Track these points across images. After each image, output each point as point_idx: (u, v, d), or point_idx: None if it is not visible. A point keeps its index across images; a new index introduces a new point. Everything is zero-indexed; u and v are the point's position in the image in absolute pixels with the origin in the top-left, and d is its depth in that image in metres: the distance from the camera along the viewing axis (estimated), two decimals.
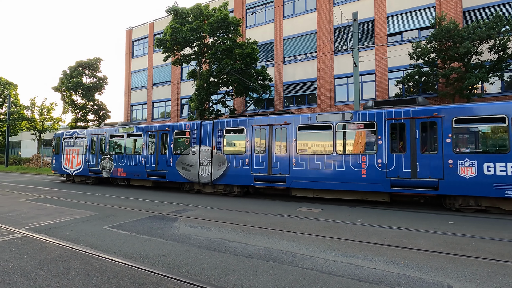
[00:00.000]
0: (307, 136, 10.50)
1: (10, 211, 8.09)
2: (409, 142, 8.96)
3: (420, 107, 9.13)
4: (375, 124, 9.44)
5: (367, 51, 17.58)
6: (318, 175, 10.02)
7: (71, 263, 4.22)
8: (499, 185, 7.83)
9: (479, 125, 8.44)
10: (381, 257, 4.56)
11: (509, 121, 7.93)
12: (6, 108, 36.10)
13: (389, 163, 9.13)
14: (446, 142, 8.51)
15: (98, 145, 15.83)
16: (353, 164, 9.59)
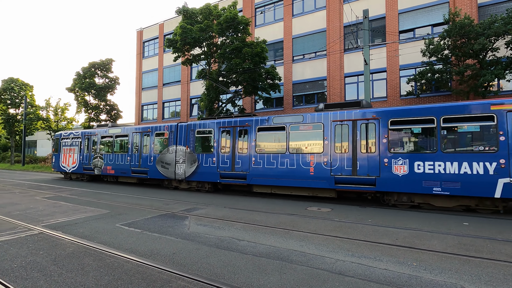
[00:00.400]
0: (265, 137, 11.35)
1: (27, 209, 8.35)
2: (351, 142, 9.62)
3: (361, 109, 9.79)
4: (322, 126, 10.17)
5: (378, 49, 17.31)
6: (274, 172, 10.79)
7: (85, 260, 4.33)
8: (428, 182, 8.40)
9: (411, 127, 9.00)
10: (392, 258, 4.50)
11: (437, 123, 8.48)
12: (22, 108, 37.20)
13: (333, 162, 9.84)
14: (382, 142, 9.15)
15: (91, 145, 17.08)
16: (303, 163, 10.32)
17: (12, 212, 7.85)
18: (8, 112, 40.05)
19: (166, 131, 13.93)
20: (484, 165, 7.84)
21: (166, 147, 13.77)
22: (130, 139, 15.22)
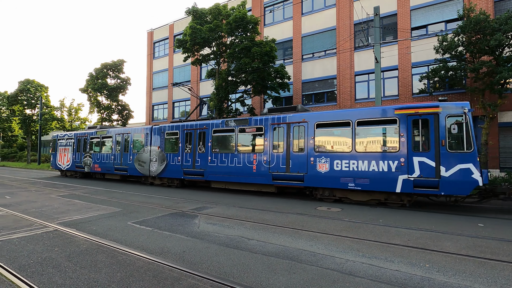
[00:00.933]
0: (219, 138, 12.66)
1: (42, 206, 8.60)
2: (285, 143, 10.68)
3: (295, 113, 10.84)
4: (263, 128, 11.30)
5: (389, 46, 17.02)
6: (226, 170, 12.07)
7: (98, 257, 4.43)
8: (344, 179, 9.40)
9: (332, 129, 10.04)
10: (404, 259, 4.42)
11: (353, 125, 9.49)
12: (38, 109, 38.28)
13: (271, 160, 10.94)
14: (309, 143, 10.19)
15: (82, 145, 18.78)
16: (248, 161, 11.51)
17: (28, 209, 8.10)
18: (25, 113, 41.25)
19: (142, 133, 15.45)
20: (388, 163, 8.80)
21: (143, 147, 15.25)
22: (114, 140, 16.80)
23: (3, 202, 9.33)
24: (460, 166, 7.98)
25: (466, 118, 8.07)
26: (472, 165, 7.89)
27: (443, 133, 8.24)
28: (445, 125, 8.25)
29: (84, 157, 18.39)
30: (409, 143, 8.61)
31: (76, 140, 19.20)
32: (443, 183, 8.09)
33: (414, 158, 8.51)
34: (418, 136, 8.64)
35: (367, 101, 17.76)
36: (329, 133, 10.12)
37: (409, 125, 8.68)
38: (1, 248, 4.79)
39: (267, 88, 17.28)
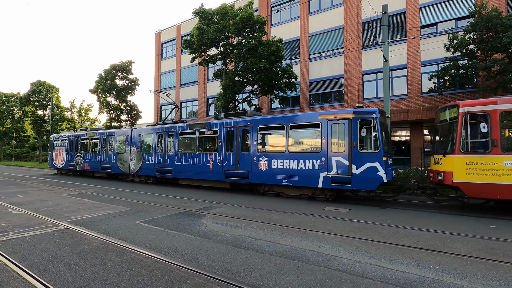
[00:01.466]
0: (184, 140, 14.24)
1: (53, 205, 8.77)
2: (235, 144, 12.00)
3: (243, 118, 12.20)
4: (218, 131, 12.69)
5: (398, 45, 16.80)
6: (190, 168, 13.49)
7: (107, 255, 4.49)
8: (279, 176, 10.67)
9: (270, 132, 11.43)
10: (413, 261, 4.36)
11: (286, 129, 10.75)
12: (49, 110, 39.03)
13: (224, 159, 12.28)
14: (253, 144, 11.51)
15: (74, 146, 20.48)
16: (206, 160, 12.90)
17: (40, 208, 8.27)
18: (36, 114, 42.10)
19: (124, 135, 17.11)
20: (313, 162, 10.03)
21: (124, 148, 16.91)
22: (100, 141, 18.48)
23: (16, 200, 9.55)
24: (368, 164, 9.08)
25: (374, 122, 9.12)
26: (378, 163, 8.94)
27: (355, 136, 9.35)
28: (357, 129, 9.34)
29: (75, 156, 20.16)
30: (329, 144, 9.81)
31: (69, 141, 20.98)
32: (355, 179, 9.21)
33: (333, 157, 9.69)
34: (336, 138, 9.75)
35: (375, 100, 17.57)
36: (268, 136, 11.58)
37: (329, 129, 9.88)
38: (14, 246, 4.91)
39: (274, 88, 17.26)
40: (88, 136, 19.48)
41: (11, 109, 45.69)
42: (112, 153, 17.57)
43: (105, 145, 18.14)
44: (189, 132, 13.95)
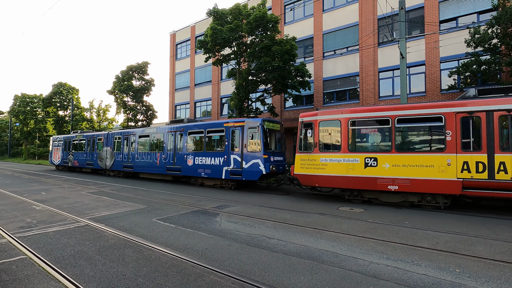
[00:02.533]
0: (141, 141, 17.74)
1: (74, 202, 9.11)
2: (173, 145, 15.43)
3: (180, 124, 15.48)
4: (163, 134, 16.13)
5: (415, 41, 16.32)
6: (145, 164, 16.93)
7: (125, 251, 4.63)
8: (200, 169, 13.85)
9: (195, 136, 14.77)
10: (432, 263, 4.24)
11: (205, 133, 14.09)
12: (70, 110, 40.42)
13: (166, 157, 15.64)
14: (185, 145, 14.86)
15: (67, 146, 24.32)
16: (155, 158, 16.32)
17: (62, 205, 8.61)
18: (58, 114, 43.68)
19: (102, 137, 20.62)
20: (219, 159, 13.08)
21: (102, 148, 20.34)
22: (86, 142, 22.20)
23: (40, 198, 9.98)
24: (253, 161, 11.97)
25: (258, 129, 12.11)
26: (259, 160, 11.81)
27: (245, 139, 12.36)
28: (247, 134, 12.36)
29: (68, 155, 23.99)
30: (229, 145, 12.87)
31: (64, 142, 24.80)
32: (244, 172, 12.21)
33: (231, 155, 12.72)
34: (233, 141, 12.81)
35: (391, 98, 17.16)
36: (193, 138, 14.91)
37: (229, 134, 12.93)
38: (39, 241, 5.14)
39: (288, 87, 17.16)
40: (77, 138, 23.36)
41: (35, 110, 47.73)
42: (94, 152, 21.24)
43: (89, 146, 21.90)
44: (145, 135, 17.55)
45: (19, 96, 48.79)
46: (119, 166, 18.74)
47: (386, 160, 8.91)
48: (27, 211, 7.71)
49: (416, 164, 8.51)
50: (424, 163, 8.41)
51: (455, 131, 8.12)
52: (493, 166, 7.58)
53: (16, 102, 48.57)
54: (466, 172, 7.87)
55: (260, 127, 12.05)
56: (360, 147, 9.70)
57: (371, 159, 9.10)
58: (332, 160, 9.70)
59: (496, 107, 7.71)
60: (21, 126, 48.27)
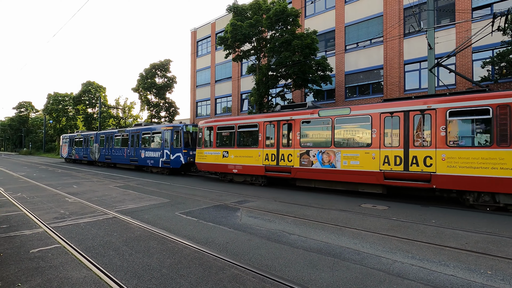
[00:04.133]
0: (117, 139, 22.74)
1: (103, 196, 9.58)
2: (133, 142, 20.66)
3: (137, 127, 20.82)
4: (128, 135, 21.35)
5: (445, 31, 15.45)
6: (118, 157, 22.29)
7: (150, 243, 4.81)
8: (148, 160, 18.74)
9: (146, 136, 19.52)
10: (461, 264, 4.05)
11: (151, 134, 19.04)
12: (97, 108, 42.26)
13: (130, 152, 20.76)
14: (140, 142, 19.89)
15: (71, 143, 30.36)
16: (123, 152, 21.61)
17: (92, 198, 9.09)
18: (87, 111, 45.81)
19: (93, 136, 26.18)
20: (158, 153, 17.95)
21: (93, 144, 25.94)
22: (83, 140, 27.86)
23: (72, 190, 10.59)
24: (177, 154, 16.87)
25: (180, 132, 16.91)
26: (180, 154, 16.73)
27: (172, 139, 17.15)
28: (173, 135, 17.14)
29: (71, 150, 30.10)
30: (163, 143, 17.81)
31: (69, 139, 30.86)
32: (171, 162, 17.03)
33: (165, 150, 17.52)
34: (166, 140, 17.57)
35: (418, 91, 16.41)
36: (144, 138, 19.84)
37: (163, 135, 17.87)
38: (71, 231, 5.47)
39: (308, 82, 16.91)
40: (77, 136, 29.20)
41: (66, 108, 50.42)
42: (88, 148, 26.82)
43: (85, 142, 27.45)
44: (118, 135, 22.62)
45: (52, 95, 51.75)
46: (103, 158, 24.28)
47: (232, 152, 13.38)
48: (61, 203, 8.21)
49: (246, 155, 12.87)
50: (249, 154, 12.73)
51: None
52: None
53: (50, 100, 51.59)
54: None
55: (181, 130, 16.99)
56: (221, 144, 14.18)
57: (226, 152, 13.63)
58: (208, 153, 14.52)
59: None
60: (54, 123, 51.27)
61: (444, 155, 8.18)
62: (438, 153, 8.28)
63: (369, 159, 9.45)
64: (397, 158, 8.92)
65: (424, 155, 8.48)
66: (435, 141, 8.34)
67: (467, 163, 7.81)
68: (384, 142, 9.23)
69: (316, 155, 10.66)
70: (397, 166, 8.88)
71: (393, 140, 9.10)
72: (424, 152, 8.48)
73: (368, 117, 9.63)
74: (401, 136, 8.93)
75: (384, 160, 9.15)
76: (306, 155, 10.92)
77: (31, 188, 11.26)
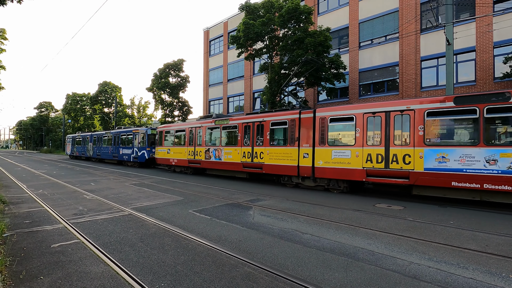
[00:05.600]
0: (104, 139, 27.51)
1: (119, 193, 9.83)
2: (114, 141, 25.67)
3: (116, 130, 25.99)
4: (112, 136, 26.06)
5: (464, 25, 14.91)
6: (105, 154, 27.21)
7: (165, 240, 4.90)
8: (124, 156, 23.70)
9: (122, 137, 24.40)
10: (480, 267, 3.92)
11: (126, 136, 24.00)
12: (113, 107, 43.29)
13: (113, 149, 25.81)
14: (119, 142, 24.81)
15: (73, 142, 35.73)
16: (107, 150, 26.72)
17: (108, 195, 9.34)
18: (103, 111, 46.99)
19: (88, 136, 31.05)
20: (130, 150, 22.84)
21: (88, 143, 30.92)
22: (82, 139, 32.88)
23: (90, 188, 10.92)
24: (142, 151, 21.44)
25: (145, 134, 21.29)
26: (144, 151, 21.19)
27: (139, 139, 21.75)
28: (140, 136, 21.66)
29: (73, 148, 35.41)
30: (134, 143, 22.35)
31: (71, 139, 36.56)
32: (138, 157, 21.58)
33: (134, 148, 22.22)
34: (136, 140, 22.12)
35: (436, 89, 15.94)
36: (121, 138, 24.48)
37: (133, 136, 22.45)
38: (90, 227, 5.65)
39: (321, 80, 16.71)
40: (78, 136, 34.27)
41: (84, 108, 51.96)
42: (85, 146, 31.93)
43: (83, 141, 32.58)
44: (104, 136, 27.75)
45: (70, 95, 53.43)
46: (95, 155, 29.29)
47: (172, 150, 18.40)
48: (79, 200, 8.49)
49: (178, 152, 17.93)
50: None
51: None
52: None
53: (68, 100, 53.29)
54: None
55: (146, 133, 21.76)
56: (166, 143, 19.08)
57: (168, 150, 18.65)
58: (160, 150, 19.44)
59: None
60: (73, 123, 52.94)
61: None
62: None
63: (236, 155, 13.83)
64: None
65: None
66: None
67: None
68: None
69: (212, 152, 15.01)
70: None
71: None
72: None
73: (236, 125, 14.04)
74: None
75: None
76: (208, 152, 15.30)
77: (51, 185, 11.69)
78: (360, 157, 9.64)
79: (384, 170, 9.10)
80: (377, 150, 9.32)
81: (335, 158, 10.25)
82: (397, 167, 8.84)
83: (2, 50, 21.79)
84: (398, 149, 8.89)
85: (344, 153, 10.03)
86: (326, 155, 10.48)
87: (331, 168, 10.33)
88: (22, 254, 4.22)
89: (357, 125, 9.83)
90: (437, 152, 8.21)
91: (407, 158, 8.67)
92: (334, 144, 10.44)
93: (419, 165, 8.46)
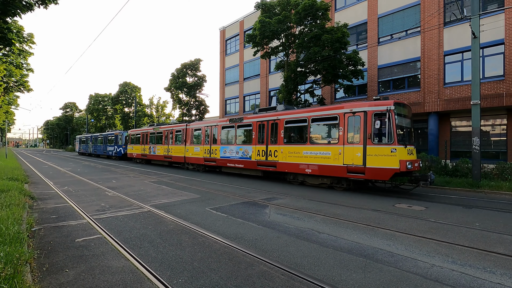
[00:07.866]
0: (98, 139, 35.42)
1: (139, 190, 10.12)
2: (104, 141, 33.50)
3: (106, 132, 34.15)
4: (103, 136, 34.05)
5: (491, 17, 14.16)
6: (99, 150, 34.82)
7: (182, 237, 5.00)
8: (109, 152, 31.59)
9: (109, 138, 31.89)
10: (509, 271, 3.72)
11: (113, 137, 31.07)
12: (133, 107, 44.55)
13: (103, 147, 33.21)
14: (107, 142, 32.39)
15: (80, 141, 43.35)
16: (100, 147, 34.45)
17: (129, 192, 9.64)
18: (124, 111, 48.44)
19: (89, 137, 38.55)
20: (113, 147, 30.86)
21: (89, 142, 38.11)
22: (85, 139, 40.51)
23: (111, 185, 11.32)
24: (120, 148, 29.48)
25: (122, 135, 29.39)
26: (121, 148, 29.15)
27: (120, 140, 29.54)
28: (124, 138, 29.08)
29: (81, 146, 42.74)
30: (116, 142, 29.96)
31: (79, 139, 44.28)
32: (118, 153, 29.55)
33: (115, 146, 30.09)
34: (118, 140, 29.60)
35: (460, 84, 15.26)
36: (109, 139, 31.41)
37: (116, 137, 30.07)
38: (111, 223, 5.85)
39: (339, 77, 16.41)
40: (83, 137, 42.17)
41: (105, 108, 53.84)
42: (87, 144, 39.13)
43: (86, 141, 39.97)
44: (99, 136, 34.25)
45: (93, 95, 55.51)
46: (93, 151, 36.62)
47: (134, 147, 26.29)
48: (101, 197, 8.82)
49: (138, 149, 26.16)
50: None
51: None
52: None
53: (91, 101, 55.40)
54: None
55: (123, 134, 28.70)
56: (132, 143, 26.99)
57: (131, 147, 27.09)
58: (130, 147, 27.46)
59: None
60: (95, 122, 54.99)
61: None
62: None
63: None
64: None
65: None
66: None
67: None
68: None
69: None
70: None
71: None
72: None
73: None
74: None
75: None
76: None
77: (76, 182, 12.22)
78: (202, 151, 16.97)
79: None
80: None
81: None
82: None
83: (30, 54, 22.98)
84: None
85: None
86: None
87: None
88: (49, 247, 4.44)
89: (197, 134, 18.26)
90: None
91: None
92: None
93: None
